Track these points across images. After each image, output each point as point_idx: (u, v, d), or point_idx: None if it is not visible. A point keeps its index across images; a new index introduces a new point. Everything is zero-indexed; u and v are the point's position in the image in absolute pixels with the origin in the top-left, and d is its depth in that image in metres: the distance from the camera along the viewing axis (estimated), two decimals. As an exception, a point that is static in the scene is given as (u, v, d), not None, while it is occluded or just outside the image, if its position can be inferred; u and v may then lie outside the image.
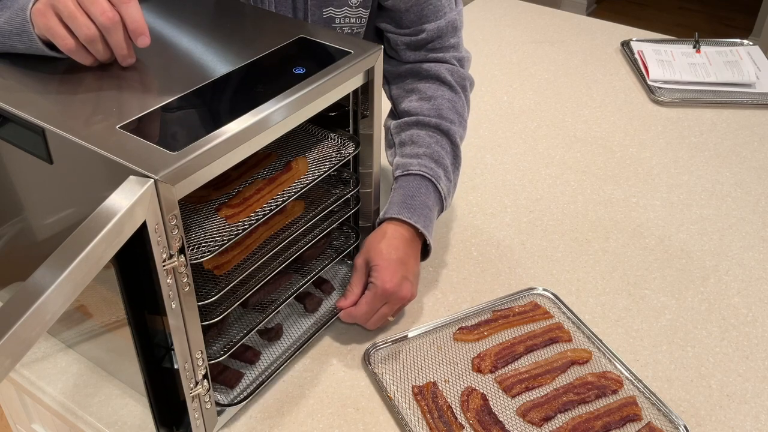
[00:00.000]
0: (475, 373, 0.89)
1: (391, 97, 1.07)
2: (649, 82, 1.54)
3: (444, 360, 0.91)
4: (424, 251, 0.97)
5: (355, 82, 0.81)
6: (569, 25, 1.83)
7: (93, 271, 0.56)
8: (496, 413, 0.84)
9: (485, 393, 0.87)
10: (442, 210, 1.00)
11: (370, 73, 0.82)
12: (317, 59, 0.78)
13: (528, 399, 0.86)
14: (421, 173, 0.97)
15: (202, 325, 0.73)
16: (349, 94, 0.83)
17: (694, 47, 1.67)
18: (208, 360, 0.76)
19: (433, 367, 0.90)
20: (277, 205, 0.78)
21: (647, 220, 1.17)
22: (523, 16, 1.87)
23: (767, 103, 1.49)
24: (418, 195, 0.95)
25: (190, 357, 0.72)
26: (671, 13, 4.33)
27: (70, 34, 0.69)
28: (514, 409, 0.85)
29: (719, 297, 1.02)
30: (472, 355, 0.91)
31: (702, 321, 0.98)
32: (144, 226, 0.61)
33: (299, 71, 0.75)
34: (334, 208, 0.90)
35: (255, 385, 0.85)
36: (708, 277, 1.06)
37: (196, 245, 0.72)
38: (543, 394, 0.87)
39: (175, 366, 0.72)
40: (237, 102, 0.70)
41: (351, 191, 0.91)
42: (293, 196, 0.79)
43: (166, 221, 0.62)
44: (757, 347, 0.95)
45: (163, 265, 0.64)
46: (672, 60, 1.61)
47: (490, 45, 1.71)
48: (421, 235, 0.94)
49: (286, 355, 0.89)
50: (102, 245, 0.56)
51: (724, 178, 1.27)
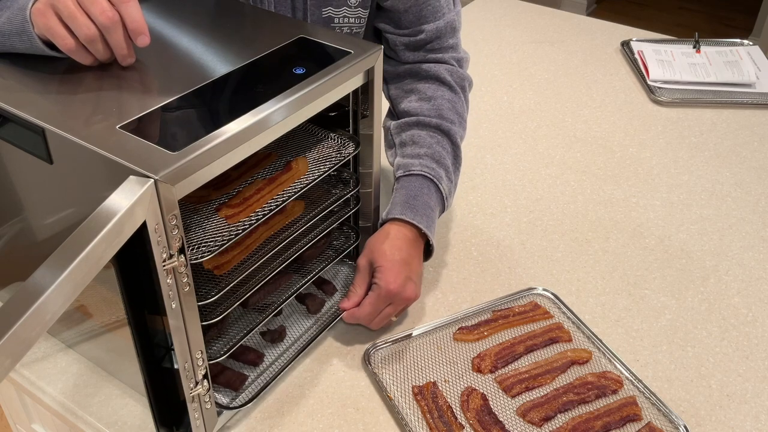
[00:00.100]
0: (475, 373, 0.89)
1: (389, 97, 1.07)
2: (649, 82, 1.54)
3: (444, 360, 0.91)
4: (427, 251, 0.97)
5: (355, 82, 0.81)
6: (569, 25, 1.83)
7: (93, 271, 0.56)
8: (496, 413, 0.84)
9: (485, 393, 0.87)
10: (443, 210, 1.00)
11: (370, 73, 0.82)
12: (317, 59, 0.78)
13: (528, 399, 0.86)
14: (422, 173, 0.97)
15: (202, 325, 0.73)
16: (349, 94, 0.83)
17: (694, 47, 1.67)
18: (208, 360, 0.76)
19: (433, 367, 0.90)
20: (277, 205, 0.78)
21: (647, 220, 1.17)
22: (523, 16, 1.87)
23: (767, 103, 1.49)
24: (420, 195, 0.95)
25: (190, 357, 0.72)
26: (671, 13, 4.33)
27: (70, 34, 0.69)
28: (514, 409, 0.85)
29: (719, 297, 1.02)
30: (472, 355, 0.91)
31: (702, 321, 0.98)
32: (144, 226, 0.61)
33: (299, 71, 0.75)
34: (334, 208, 0.90)
35: (259, 387, 0.85)
36: (708, 277, 1.06)
37: (196, 245, 0.72)
38: (543, 394, 0.87)
39: (175, 366, 0.72)
40: (237, 102, 0.70)
41: (351, 191, 0.91)
42: (293, 196, 0.79)
43: (166, 221, 0.62)
44: (757, 347, 0.95)
45: (163, 265, 0.64)
46: (672, 60, 1.61)
47: (490, 45, 1.71)
48: (423, 236, 0.94)
49: (290, 357, 0.89)
50: (102, 245, 0.56)
51: (724, 178, 1.27)
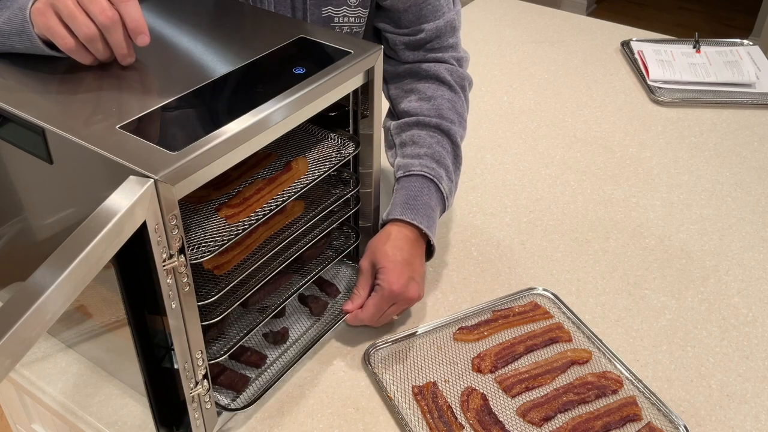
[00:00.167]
0: (475, 373, 0.89)
1: (389, 97, 1.07)
2: (649, 82, 1.54)
3: (444, 360, 0.91)
4: (428, 252, 0.97)
5: (355, 82, 0.81)
6: (569, 25, 1.83)
7: (93, 271, 0.56)
8: (496, 413, 0.84)
9: (485, 393, 0.87)
10: (444, 210, 1.00)
11: (370, 73, 0.82)
12: (317, 59, 0.78)
13: (528, 399, 0.86)
14: (422, 174, 0.97)
15: (202, 325, 0.73)
16: (349, 94, 0.83)
17: (694, 47, 1.67)
18: (209, 360, 0.76)
19: (433, 367, 0.90)
20: (277, 205, 0.78)
21: (647, 220, 1.17)
22: (523, 16, 1.87)
23: (767, 103, 1.49)
24: (420, 195, 0.95)
25: (190, 357, 0.72)
26: (671, 13, 4.33)
27: (70, 34, 0.69)
28: (514, 409, 0.85)
29: (719, 297, 1.02)
30: (472, 355, 0.91)
31: (702, 321, 0.98)
32: (144, 226, 0.61)
33: (299, 71, 0.75)
34: (334, 208, 0.90)
35: (260, 390, 0.85)
36: (708, 277, 1.06)
37: (196, 245, 0.72)
38: (543, 394, 0.87)
39: (175, 366, 0.72)
40: (237, 102, 0.70)
41: (351, 191, 0.91)
42: (293, 196, 0.79)
43: (166, 221, 0.62)
44: (757, 347, 0.95)
45: (163, 265, 0.64)
46: (672, 60, 1.61)
47: (490, 45, 1.71)
48: (424, 236, 0.94)
49: (292, 359, 0.89)
50: (102, 245, 0.56)
51: (724, 178, 1.27)
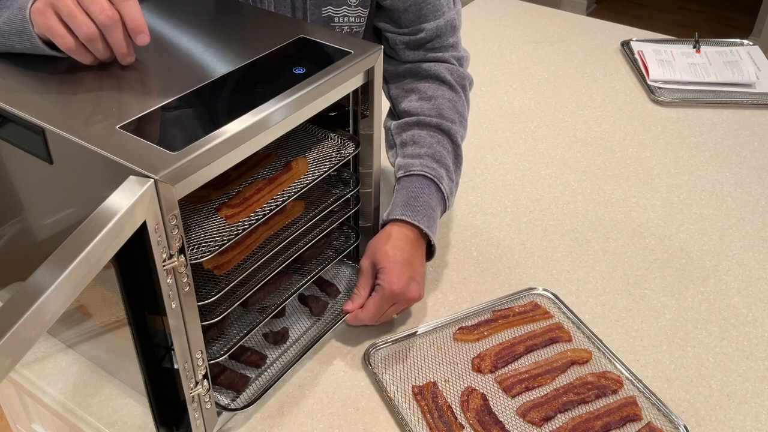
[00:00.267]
0: (475, 373, 0.89)
1: (390, 97, 1.07)
2: (649, 82, 1.54)
3: (444, 360, 0.91)
4: (429, 252, 0.97)
5: (355, 82, 0.81)
6: (569, 25, 1.83)
7: (93, 271, 0.56)
8: (496, 413, 0.84)
9: (485, 393, 0.87)
10: (445, 210, 1.00)
11: (370, 73, 0.82)
12: (317, 59, 0.78)
13: (528, 399, 0.86)
14: (423, 174, 0.97)
15: (202, 325, 0.73)
16: (349, 94, 0.83)
17: (694, 47, 1.67)
18: (209, 360, 0.76)
19: (433, 367, 0.90)
20: (277, 205, 0.78)
21: (647, 220, 1.17)
22: (523, 16, 1.87)
23: (767, 103, 1.49)
24: (421, 195, 0.95)
25: (190, 357, 0.72)
26: (671, 13, 4.33)
27: (70, 33, 0.69)
28: (514, 409, 0.85)
29: (719, 297, 1.02)
30: (472, 355, 0.91)
31: (702, 321, 0.98)
32: (144, 226, 0.61)
33: (299, 71, 0.75)
34: (334, 208, 0.90)
35: (260, 390, 0.84)
36: (708, 277, 1.06)
37: (196, 245, 0.72)
38: (543, 394, 0.87)
39: (175, 366, 0.72)
40: (237, 102, 0.70)
41: (351, 191, 0.91)
42: (293, 196, 0.79)
43: (166, 221, 0.62)
44: (757, 347, 0.95)
45: (163, 265, 0.64)
46: (672, 60, 1.61)
47: (490, 45, 1.71)
48: (425, 236, 0.94)
49: (292, 359, 0.89)
50: (102, 245, 0.56)
51: (724, 178, 1.27)
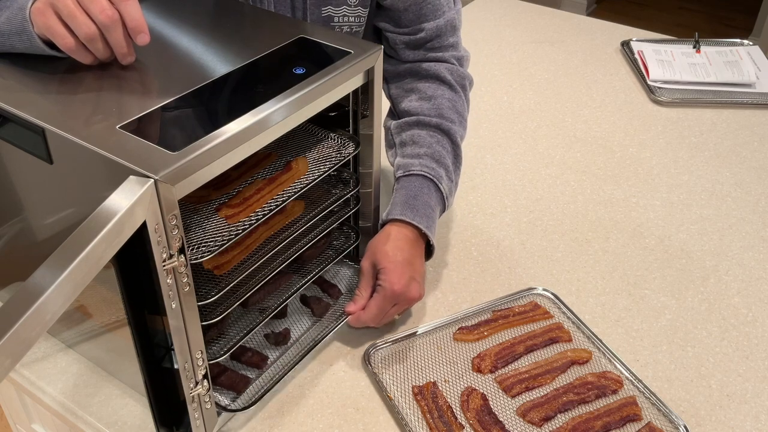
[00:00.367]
0: (475, 373, 0.89)
1: (390, 97, 1.07)
2: (649, 82, 1.54)
3: (444, 360, 0.91)
4: (428, 251, 0.97)
5: (355, 82, 0.81)
6: (569, 25, 1.83)
7: (93, 271, 0.56)
8: (496, 413, 0.84)
9: (485, 393, 0.87)
10: (444, 210, 1.00)
11: (370, 73, 0.82)
12: (317, 59, 0.78)
13: (528, 399, 0.86)
14: (422, 173, 0.97)
15: (202, 325, 0.73)
16: (349, 94, 0.83)
17: (694, 47, 1.67)
18: (209, 360, 0.76)
19: (433, 367, 0.90)
20: (277, 205, 0.78)
21: (647, 220, 1.17)
22: (523, 16, 1.87)
23: (767, 103, 1.49)
24: (420, 195, 0.95)
25: (190, 357, 0.72)
26: (671, 13, 4.33)
27: (70, 33, 0.69)
28: (514, 409, 0.85)
29: (719, 297, 1.02)
30: (472, 355, 0.91)
31: (702, 321, 0.98)
32: (144, 226, 0.61)
33: (299, 71, 0.75)
34: (334, 208, 0.90)
35: (261, 391, 0.84)
36: (708, 277, 1.06)
37: (196, 245, 0.72)
38: (543, 394, 0.87)
39: (175, 366, 0.72)
40: (237, 102, 0.70)
41: (351, 191, 0.91)
42: (293, 196, 0.79)
43: (166, 221, 0.62)
44: (757, 347, 0.95)
45: (163, 265, 0.64)
46: (672, 60, 1.61)
47: (490, 45, 1.71)
48: (424, 236, 0.94)
49: (292, 361, 0.88)
50: (102, 245, 0.56)
51: (724, 178, 1.27)
